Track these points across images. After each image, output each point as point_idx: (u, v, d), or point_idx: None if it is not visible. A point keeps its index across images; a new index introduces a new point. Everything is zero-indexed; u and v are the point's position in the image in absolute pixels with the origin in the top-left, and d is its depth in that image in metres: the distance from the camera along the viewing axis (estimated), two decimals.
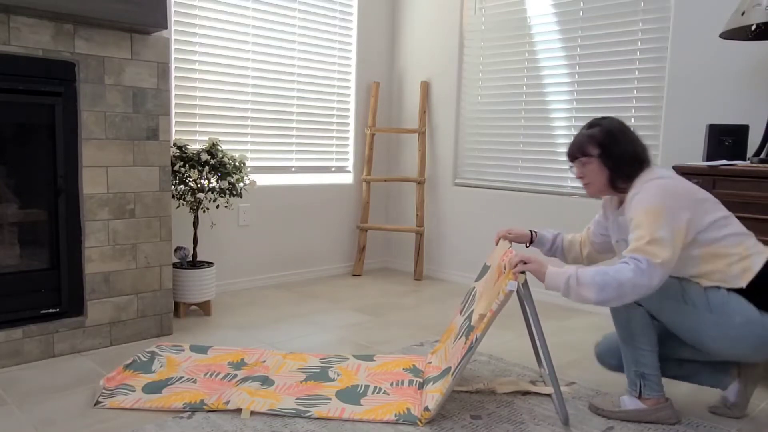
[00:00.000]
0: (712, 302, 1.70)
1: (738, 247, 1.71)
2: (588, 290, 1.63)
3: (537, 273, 1.74)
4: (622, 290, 1.61)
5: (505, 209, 3.52)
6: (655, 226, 1.64)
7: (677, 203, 1.68)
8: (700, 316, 1.71)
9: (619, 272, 1.61)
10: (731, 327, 1.67)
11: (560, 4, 3.25)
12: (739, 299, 1.68)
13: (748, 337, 1.67)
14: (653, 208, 1.66)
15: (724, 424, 1.87)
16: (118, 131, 2.36)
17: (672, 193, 1.69)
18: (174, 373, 2.13)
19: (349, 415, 1.83)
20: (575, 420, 1.86)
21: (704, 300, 1.71)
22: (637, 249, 1.63)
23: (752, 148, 2.56)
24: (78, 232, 2.31)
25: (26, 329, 2.20)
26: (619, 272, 1.61)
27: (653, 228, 1.63)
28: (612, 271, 1.62)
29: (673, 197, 1.68)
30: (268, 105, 3.50)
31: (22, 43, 2.10)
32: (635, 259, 1.62)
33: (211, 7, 3.19)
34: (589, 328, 2.88)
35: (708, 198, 1.75)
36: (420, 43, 3.94)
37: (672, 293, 1.74)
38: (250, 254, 3.47)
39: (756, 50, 2.57)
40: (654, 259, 1.61)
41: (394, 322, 2.89)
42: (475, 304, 2.01)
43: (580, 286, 1.65)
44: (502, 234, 2.15)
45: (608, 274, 1.61)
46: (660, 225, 1.64)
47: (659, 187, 1.70)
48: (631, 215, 1.71)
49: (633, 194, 1.75)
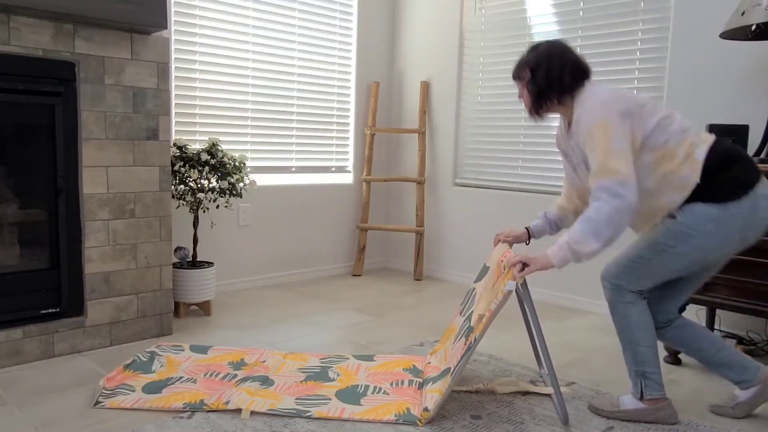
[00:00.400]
0: (681, 233, 1.74)
1: (683, 145, 1.74)
2: (587, 243, 1.67)
3: (544, 266, 1.75)
4: (612, 223, 1.65)
5: (505, 209, 3.52)
6: (606, 141, 1.67)
7: (619, 110, 1.70)
8: (685, 248, 1.74)
9: (599, 211, 1.66)
10: (711, 237, 1.72)
11: (560, 4, 3.25)
12: (697, 211, 1.72)
13: (729, 233, 1.72)
14: (599, 122, 1.69)
15: (724, 425, 1.87)
16: (118, 131, 2.36)
17: (612, 102, 1.71)
18: (174, 373, 2.13)
19: (349, 415, 1.83)
20: (575, 420, 1.86)
21: (675, 235, 1.75)
22: (598, 174, 1.68)
23: (752, 148, 2.56)
24: (78, 232, 2.31)
25: (26, 329, 2.20)
26: (599, 211, 1.66)
27: (606, 144, 1.67)
28: (593, 213, 1.66)
29: (615, 105, 1.70)
30: (268, 105, 3.50)
31: (22, 43, 2.10)
32: (603, 189, 1.67)
33: (211, 7, 3.19)
34: (589, 328, 2.88)
35: (647, 101, 1.77)
36: (420, 43, 3.94)
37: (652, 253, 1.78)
38: (250, 254, 3.47)
39: (756, 50, 2.57)
40: (618, 176, 1.65)
41: (394, 322, 2.89)
42: (475, 305, 2.01)
43: (579, 245, 1.68)
44: (501, 238, 2.14)
45: (592, 218, 1.66)
46: (611, 137, 1.67)
47: (599, 102, 1.72)
48: (582, 137, 1.74)
49: (577, 116, 1.77)
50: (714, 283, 2.25)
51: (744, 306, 2.17)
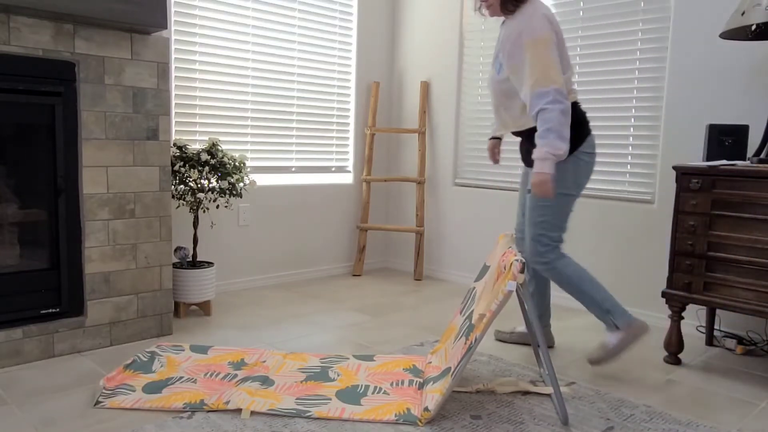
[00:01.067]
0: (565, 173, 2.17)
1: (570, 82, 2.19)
2: (561, 147, 2.01)
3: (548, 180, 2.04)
4: (566, 123, 2.01)
5: (505, 209, 3.52)
6: (543, 54, 2.02)
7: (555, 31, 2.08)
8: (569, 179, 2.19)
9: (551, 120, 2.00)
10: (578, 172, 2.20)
11: (560, 4, 3.25)
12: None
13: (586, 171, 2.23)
14: (539, 37, 2.03)
15: (724, 424, 1.87)
16: (118, 131, 2.36)
17: (551, 22, 2.07)
18: (174, 373, 2.13)
19: (349, 415, 1.83)
20: (575, 420, 1.86)
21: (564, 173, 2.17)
22: (542, 81, 2.02)
23: (752, 148, 2.56)
24: (78, 232, 2.31)
25: (26, 329, 2.20)
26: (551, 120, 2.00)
27: (542, 58, 2.02)
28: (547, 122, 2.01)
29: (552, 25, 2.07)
30: (268, 105, 3.50)
31: (22, 43, 2.10)
32: (543, 97, 2.01)
33: (211, 7, 3.19)
34: (589, 328, 2.88)
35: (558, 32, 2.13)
36: (420, 43, 3.94)
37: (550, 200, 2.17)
38: (250, 254, 3.47)
39: (756, 50, 2.57)
40: (558, 85, 2.01)
41: (394, 322, 2.89)
42: (475, 305, 2.01)
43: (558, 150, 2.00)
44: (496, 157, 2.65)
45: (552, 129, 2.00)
46: (547, 50, 2.03)
47: (543, 18, 2.05)
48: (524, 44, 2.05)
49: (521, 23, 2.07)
50: (714, 283, 2.25)
51: (744, 306, 2.17)
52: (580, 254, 3.19)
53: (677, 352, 2.40)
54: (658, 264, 2.91)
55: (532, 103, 2.04)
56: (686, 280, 2.32)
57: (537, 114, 2.04)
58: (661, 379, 2.25)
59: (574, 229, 3.22)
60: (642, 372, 2.31)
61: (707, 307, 2.55)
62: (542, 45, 2.02)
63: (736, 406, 2.02)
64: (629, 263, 3.02)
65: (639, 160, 2.99)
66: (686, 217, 2.31)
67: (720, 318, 2.72)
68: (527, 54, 2.04)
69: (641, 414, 1.92)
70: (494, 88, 2.25)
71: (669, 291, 2.37)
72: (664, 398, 2.07)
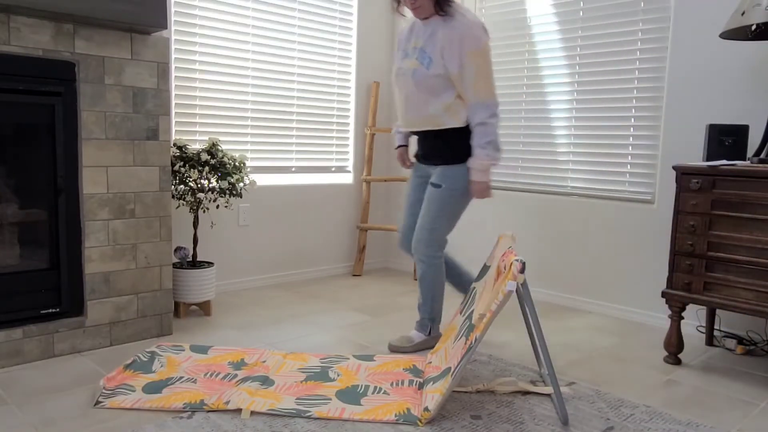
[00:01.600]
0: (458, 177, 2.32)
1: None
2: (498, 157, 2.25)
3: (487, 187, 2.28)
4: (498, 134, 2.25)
5: (505, 209, 3.52)
6: (489, 67, 2.19)
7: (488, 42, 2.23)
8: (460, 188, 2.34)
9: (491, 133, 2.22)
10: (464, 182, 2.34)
11: (560, 4, 3.25)
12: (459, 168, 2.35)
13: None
14: (485, 49, 2.19)
15: (724, 424, 1.87)
16: (118, 131, 2.36)
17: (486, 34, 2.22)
18: (174, 373, 2.13)
19: (349, 415, 1.83)
20: (575, 420, 1.86)
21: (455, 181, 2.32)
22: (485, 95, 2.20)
23: (752, 148, 2.56)
24: (78, 232, 2.31)
25: (26, 329, 2.20)
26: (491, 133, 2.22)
27: (489, 70, 2.19)
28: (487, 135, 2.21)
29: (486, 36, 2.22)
30: (268, 105, 3.50)
31: (22, 43, 2.10)
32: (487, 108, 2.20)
33: (211, 7, 3.19)
34: (589, 328, 2.88)
35: None
36: None
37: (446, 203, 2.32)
38: (250, 254, 3.47)
39: (756, 50, 2.57)
40: (495, 99, 2.23)
41: (394, 322, 2.89)
42: (476, 304, 2.01)
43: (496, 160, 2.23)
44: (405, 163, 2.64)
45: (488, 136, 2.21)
46: (488, 63, 2.20)
47: (481, 27, 2.20)
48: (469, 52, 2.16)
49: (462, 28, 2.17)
50: (714, 283, 2.25)
51: (744, 306, 2.17)
52: (581, 254, 3.19)
53: (677, 352, 2.40)
54: (658, 264, 2.91)
55: (475, 112, 2.22)
56: (686, 280, 2.32)
57: (477, 124, 2.22)
58: (661, 379, 2.25)
59: (574, 229, 3.22)
60: (642, 372, 2.31)
61: (707, 307, 2.55)
62: (486, 57, 2.19)
63: (736, 406, 2.02)
64: (629, 263, 3.02)
65: (639, 160, 2.99)
66: (686, 217, 2.31)
67: (720, 318, 2.73)
68: (473, 64, 2.17)
69: (641, 414, 1.92)
70: (418, 81, 2.26)
71: (669, 291, 2.37)
72: (664, 398, 2.07)
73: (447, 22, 2.20)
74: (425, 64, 2.23)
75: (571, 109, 3.23)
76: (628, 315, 3.03)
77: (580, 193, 3.21)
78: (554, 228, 3.30)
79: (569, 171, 3.26)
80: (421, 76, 2.24)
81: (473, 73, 2.17)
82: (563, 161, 3.28)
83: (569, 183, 3.26)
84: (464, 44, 2.16)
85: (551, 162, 3.33)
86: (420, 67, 2.24)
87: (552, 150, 3.32)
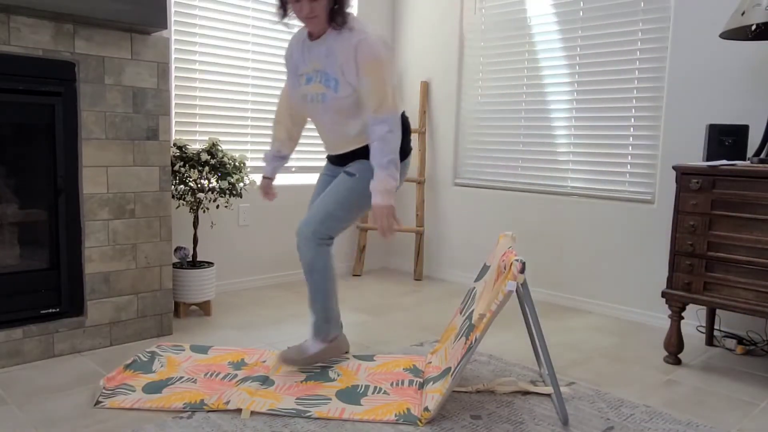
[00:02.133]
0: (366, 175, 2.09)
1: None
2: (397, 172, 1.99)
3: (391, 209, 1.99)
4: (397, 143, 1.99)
5: (505, 209, 3.52)
6: (389, 79, 1.98)
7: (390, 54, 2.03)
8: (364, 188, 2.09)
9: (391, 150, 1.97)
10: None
11: (560, 4, 3.25)
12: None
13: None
14: (386, 60, 1.98)
15: (724, 424, 1.87)
16: (118, 131, 2.36)
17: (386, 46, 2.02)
18: (174, 373, 2.13)
19: (349, 415, 1.83)
20: (575, 420, 1.86)
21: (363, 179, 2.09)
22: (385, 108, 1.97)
23: (752, 148, 2.56)
24: (78, 232, 2.31)
25: (26, 329, 2.20)
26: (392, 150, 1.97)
27: (389, 82, 1.97)
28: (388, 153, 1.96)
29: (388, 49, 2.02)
30: (268, 105, 3.49)
31: (22, 43, 2.10)
32: (388, 122, 1.97)
33: (211, 7, 3.19)
34: (589, 328, 2.88)
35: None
36: (420, 43, 3.94)
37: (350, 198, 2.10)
38: (250, 254, 3.47)
39: (756, 50, 2.57)
40: (396, 111, 1.99)
41: (394, 322, 2.89)
42: (476, 304, 2.01)
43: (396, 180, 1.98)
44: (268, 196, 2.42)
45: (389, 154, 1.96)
46: (390, 74, 1.99)
47: (380, 39, 1.99)
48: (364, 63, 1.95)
49: (357, 38, 1.96)
50: (714, 283, 2.25)
51: (744, 306, 2.17)
52: (581, 254, 3.19)
53: (677, 352, 2.40)
54: (658, 264, 2.91)
55: (373, 129, 1.98)
56: (686, 280, 2.32)
57: (376, 140, 1.97)
58: (661, 379, 2.25)
59: (574, 229, 3.22)
60: (642, 372, 2.31)
61: (707, 307, 2.55)
62: (384, 68, 1.96)
63: (736, 406, 2.02)
64: (629, 263, 3.02)
65: (639, 160, 2.99)
66: (686, 217, 2.31)
67: (720, 318, 2.73)
68: (369, 76, 1.95)
69: (641, 414, 1.92)
70: (330, 106, 2.06)
71: (669, 291, 2.37)
72: (664, 398, 2.07)
73: (342, 34, 1.99)
74: (332, 87, 2.02)
75: (571, 109, 3.23)
76: (628, 315, 3.03)
77: (580, 193, 3.21)
78: (554, 228, 3.30)
79: (569, 171, 3.26)
80: (332, 101, 2.04)
81: (369, 85, 1.95)
82: (563, 161, 3.28)
83: (569, 183, 3.26)
84: (359, 55, 1.95)
85: (551, 162, 3.33)
86: (328, 91, 2.04)
87: (552, 150, 3.32)
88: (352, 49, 1.95)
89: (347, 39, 1.97)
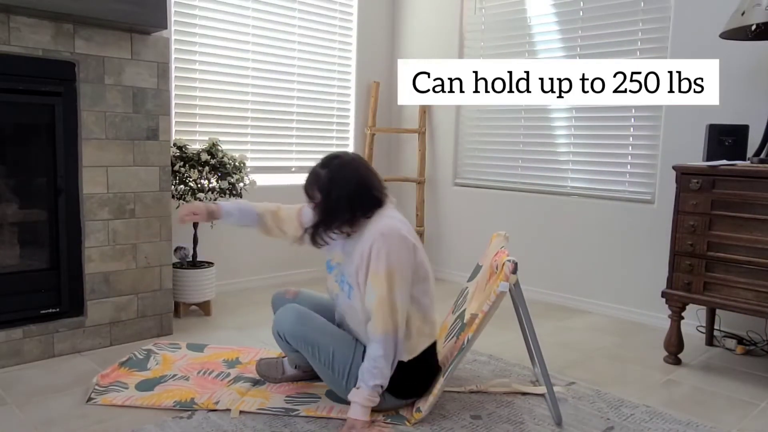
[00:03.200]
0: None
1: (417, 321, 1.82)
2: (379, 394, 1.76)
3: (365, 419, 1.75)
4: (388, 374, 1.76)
5: (505, 209, 3.52)
6: (391, 294, 1.73)
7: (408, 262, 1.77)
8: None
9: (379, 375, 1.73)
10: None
11: (560, 4, 3.25)
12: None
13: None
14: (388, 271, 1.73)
15: (724, 424, 1.87)
16: (118, 131, 2.36)
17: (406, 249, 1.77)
18: (168, 371, 2.14)
19: (337, 414, 1.83)
20: (575, 420, 1.86)
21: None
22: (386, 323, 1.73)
23: (752, 148, 2.55)
24: (78, 232, 2.31)
25: (26, 329, 2.20)
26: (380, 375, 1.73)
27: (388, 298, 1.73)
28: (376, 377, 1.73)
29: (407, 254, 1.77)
30: (268, 105, 3.50)
31: (22, 43, 2.10)
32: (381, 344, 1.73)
33: (211, 7, 3.19)
34: (589, 328, 2.88)
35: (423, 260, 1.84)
36: (420, 43, 3.94)
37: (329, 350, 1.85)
38: (250, 254, 3.47)
39: (756, 50, 2.57)
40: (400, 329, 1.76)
41: None
42: (467, 304, 2.01)
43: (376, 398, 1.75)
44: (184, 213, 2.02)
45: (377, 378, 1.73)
46: (398, 288, 1.74)
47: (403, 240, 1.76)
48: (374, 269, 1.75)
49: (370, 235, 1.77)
50: (714, 283, 2.25)
51: (744, 306, 2.17)
52: (581, 254, 3.19)
53: (677, 352, 2.40)
54: (658, 264, 2.91)
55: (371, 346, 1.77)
56: (686, 280, 2.32)
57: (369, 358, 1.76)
58: (661, 379, 2.25)
59: (574, 229, 3.22)
60: (642, 372, 2.31)
61: (707, 307, 2.55)
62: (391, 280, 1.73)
63: (736, 406, 2.01)
64: (629, 263, 3.01)
65: (639, 160, 2.99)
66: (686, 217, 2.31)
67: (720, 318, 2.72)
68: (377, 287, 1.73)
69: (641, 414, 1.92)
70: (344, 306, 1.90)
71: (669, 291, 2.37)
72: (664, 398, 2.07)
73: (363, 233, 1.81)
74: (346, 292, 1.86)
75: (571, 109, 3.23)
76: (628, 315, 3.03)
77: (580, 193, 3.21)
78: (554, 228, 3.30)
79: (569, 171, 3.26)
80: (345, 305, 1.88)
81: (374, 301, 1.74)
82: (563, 161, 3.28)
83: (569, 183, 3.26)
84: (370, 264, 1.76)
85: (551, 162, 3.33)
86: (341, 293, 1.88)
87: (552, 150, 3.32)
88: (366, 257, 1.77)
89: (365, 241, 1.79)
